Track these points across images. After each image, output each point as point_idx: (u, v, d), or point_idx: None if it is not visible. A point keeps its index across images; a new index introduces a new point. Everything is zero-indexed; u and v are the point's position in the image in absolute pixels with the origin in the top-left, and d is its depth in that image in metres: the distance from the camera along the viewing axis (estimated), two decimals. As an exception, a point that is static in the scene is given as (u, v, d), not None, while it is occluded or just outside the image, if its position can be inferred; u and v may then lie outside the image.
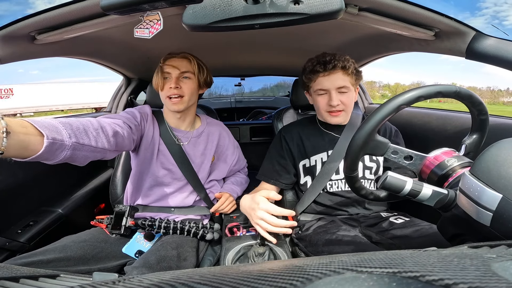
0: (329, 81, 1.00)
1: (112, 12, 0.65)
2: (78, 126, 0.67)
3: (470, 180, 0.42)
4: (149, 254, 0.87)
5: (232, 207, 1.13)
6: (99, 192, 1.46)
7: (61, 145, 0.60)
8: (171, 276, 0.25)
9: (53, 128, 0.59)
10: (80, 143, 0.65)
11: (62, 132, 0.61)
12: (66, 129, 0.62)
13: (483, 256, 0.24)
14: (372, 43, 1.25)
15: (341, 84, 0.99)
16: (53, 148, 0.58)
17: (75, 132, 0.65)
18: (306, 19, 0.64)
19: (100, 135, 0.73)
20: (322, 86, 1.01)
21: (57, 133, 0.59)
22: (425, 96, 0.59)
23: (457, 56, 0.88)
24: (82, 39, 0.95)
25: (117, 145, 0.82)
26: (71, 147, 0.62)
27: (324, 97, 1.03)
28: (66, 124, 0.64)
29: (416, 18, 0.79)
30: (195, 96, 1.08)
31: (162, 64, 1.02)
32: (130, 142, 0.93)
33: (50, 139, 0.56)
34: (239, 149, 1.31)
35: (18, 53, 0.84)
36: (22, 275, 0.31)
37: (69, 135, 0.62)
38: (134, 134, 0.97)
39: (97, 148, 0.71)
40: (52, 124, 0.60)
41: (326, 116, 1.05)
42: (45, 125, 0.58)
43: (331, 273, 0.21)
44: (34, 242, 1.04)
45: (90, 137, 0.69)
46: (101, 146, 0.73)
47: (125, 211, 1.01)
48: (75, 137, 0.64)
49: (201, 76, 1.06)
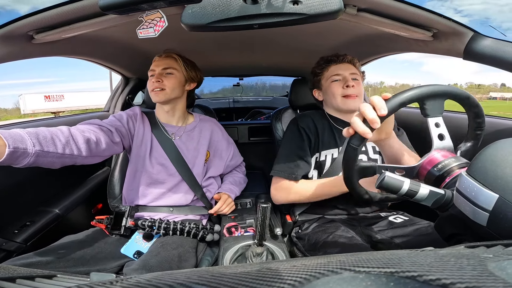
0: (342, 68, 1.08)
1: (110, 11, 0.65)
2: (46, 135, 0.76)
3: (466, 181, 0.42)
4: (149, 256, 0.87)
5: (231, 208, 1.13)
6: (97, 192, 1.45)
7: (24, 152, 0.68)
8: (169, 276, 0.25)
9: (18, 137, 0.68)
10: (45, 151, 0.73)
11: (26, 141, 0.69)
12: (31, 138, 0.71)
13: (480, 256, 0.24)
14: (370, 43, 1.25)
15: (353, 71, 1.08)
16: (15, 155, 0.66)
17: (41, 141, 0.73)
18: (305, 19, 0.64)
19: (70, 143, 0.81)
20: (336, 72, 1.08)
21: (21, 142, 0.68)
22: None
23: (454, 56, 0.89)
24: (80, 38, 0.94)
25: (92, 151, 0.88)
26: (34, 154, 0.70)
27: (339, 83, 1.07)
28: (33, 134, 0.72)
29: (414, 19, 0.79)
30: (179, 91, 1.13)
31: (152, 64, 1.13)
32: (110, 146, 0.97)
33: (12, 148, 0.65)
34: (233, 145, 1.32)
35: (16, 53, 0.83)
36: (19, 275, 0.31)
37: (33, 144, 0.70)
38: (118, 137, 1.02)
39: (64, 154, 0.79)
40: (19, 134, 0.69)
41: (342, 102, 1.06)
42: (11, 135, 0.66)
43: (329, 273, 0.21)
44: (31, 242, 1.03)
45: (57, 145, 0.77)
46: (69, 153, 0.80)
47: (125, 212, 1.01)
48: (39, 146, 0.72)
49: (187, 72, 1.13)
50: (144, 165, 1.09)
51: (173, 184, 1.10)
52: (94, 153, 0.90)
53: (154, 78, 1.08)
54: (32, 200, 1.16)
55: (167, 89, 1.08)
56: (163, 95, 1.09)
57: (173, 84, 1.09)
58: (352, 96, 1.05)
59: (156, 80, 1.07)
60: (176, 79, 1.11)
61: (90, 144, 0.87)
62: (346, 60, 1.09)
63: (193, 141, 1.17)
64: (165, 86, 1.08)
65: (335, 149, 1.07)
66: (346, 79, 1.06)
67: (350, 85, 1.04)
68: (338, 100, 1.07)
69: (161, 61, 1.10)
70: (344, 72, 1.07)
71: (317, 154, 1.08)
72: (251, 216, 1.07)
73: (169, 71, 1.10)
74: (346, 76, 1.07)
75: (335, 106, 1.10)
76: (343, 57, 1.09)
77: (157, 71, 1.09)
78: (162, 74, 1.09)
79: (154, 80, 1.08)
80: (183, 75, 1.12)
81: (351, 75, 1.07)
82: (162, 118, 1.18)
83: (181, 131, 1.17)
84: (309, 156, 1.07)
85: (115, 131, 1.01)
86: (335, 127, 1.11)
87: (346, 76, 1.07)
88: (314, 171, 1.09)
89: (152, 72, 1.11)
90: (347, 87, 1.05)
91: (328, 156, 1.07)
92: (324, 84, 1.12)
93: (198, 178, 1.14)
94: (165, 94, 1.09)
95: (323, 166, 1.07)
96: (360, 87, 1.08)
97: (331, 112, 1.14)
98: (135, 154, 1.10)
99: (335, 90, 1.07)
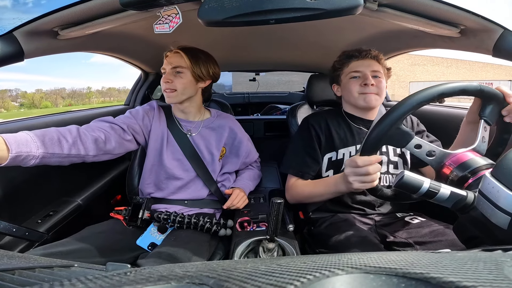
0: (363, 65, 1.04)
1: (130, 7, 0.67)
2: (53, 137, 0.80)
3: (490, 182, 0.41)
4: (162, 248, 0.89)
5: (244, 202, 1.13)
6: (116, 183, 1.50)
7: (28, 155, 0.73)
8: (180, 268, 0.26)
9: (23, 141, 0.73)
10: (49, 153, 0.78)
11: (30, 144, 0.74)
12: (36, 142, 0.75)
13: (497, 259, 0.23)
14: (392, 39, 1.22)
15: (375, 68, 1.03)
16: (19, 159, 0.72)
17: (46, 143, 0.77)
18: (322, 15, 0.62)
19: (77, 143, 0.85)
20: (356, 68, 1.04)
21: (25, 146, 0.73)
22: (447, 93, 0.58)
23: (483, 54, 0.85)
24: (102, 34, 0.97)
25: (100, 150, 0.92)
26: (38, 157, 0.75)
27: (358, 80, 1.03)
28: (39, 137, 0.77)
29: (440, 15, 0.76)
30: (191, 90, 1.08)
31: (164, 61, 1.09)
32: (121, 144, 0.99)
33: (14, 153, 0.70)
34: (250, 142, 1.30)
35: (42, 48, 0.87)
36: (39, 265, 0.32)
37: (38, 147, 0.75)
38: (129, 135, 1.03)
39: (70, 155, 0.83)
40: (24, 138, 0.74)
41: (360, 99, 1.03)
42: (16, 139, 0.71)
43: (339, 271, 0.21)
44: (53, 232, 1.07)
45: (63, 146, 0.82)
46: (75, 153, 0.85)
47: (143, 204, 1.04)
48: (44, 148, 0.77)
49: (197, 69, 1.06)
50: (160, 160, 1.10)
51: (188, 179, 1.12)
52: (103, 151, 0.93)
53: (164, 78, 1.06)
54: (56, 190, 1.21)
55: (178, 90, 1.05)
56: (175, 97, 1.06)
57: (183, 84, 1.05)
58: (369, 94, 1.02)
59: (165, 81, 1.05)
60: (186, 79, 1.06)
61: (98, 144, 0.90)
62: (369, 55, 1.04)
63: (209, 137, 1.16)
64: (175, 86, 1.05)
65: (353, 147, 1.05)
66: (365, 76, 1.01)
67: (368, 84, 1.00)
68: (356, 97, 1.04)
69: (170, 58, 1.06)
70: (365, 69, 1.02)
71: (333, 153, 1.06)
72: (264, 211, 1.07)
73: (179, 70, 1.05)
74: (366, 74, 1.02)
75: (352, 103, 1.08)
76: (366, 53, 1.04)
77: (167, 70, 1.06)
78: (171, 73, 1.05)
79: (164, 81, 1.05)
80: (192, 72, 1.06)
81: (372, 72, 1.02)
82: (178, 114, 1.17)
83: (197, 127, 1.16)
84: (317, 154, 1.06)
85: (127, 128, 1.02)
86: (352, 125, 1.09)
87: (366, 73, 1.02)
88: (330, 171, 1.07)
89: (163, 70, 1.08)
90: (365, 85, 1.01)
91: (346, 154, 1.05)
92: (343, 79, 1.09)
93: (214, 174, 1.15)
94: (176, 95, 1.06)
95: (341, 164, 1.04)
96: (382, 85, 1.03)
97: (349, 109, 1.11)
98: (152, 149, 1.11)
99: (352, 87, 1.04)
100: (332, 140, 1.07)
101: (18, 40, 0.76)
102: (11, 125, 1.10)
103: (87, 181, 1.38)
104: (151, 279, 0.22)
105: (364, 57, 1.04)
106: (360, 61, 1.04)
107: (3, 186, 0.94)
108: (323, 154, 1.07)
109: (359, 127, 1.08)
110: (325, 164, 1.07)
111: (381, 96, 1.04)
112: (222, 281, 0.21)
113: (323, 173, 1.07)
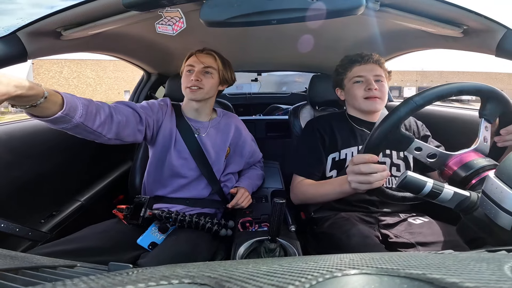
0: (366, 70, 1.07)
1: (133, 8, 0.67)
2: (93, 110, 0.79)
3: (494, 183, 0.40)
4: (162, 248, 0.89)
5: (248, 202, 1.13)
6: (119, 183, 1.51)
7: (69, 120, 0.72)
8: (182, 269, 0.26)
9: (74, 105, 0.73)
10: (84, 124, 0.77)
11: (77, 111, 0.74)
12: (82, 109, 0.75)
13: (500, 260, 0.23)
14: (394, 39, 1.21)
15: (378, 73, 1.06)
16: (61, 119, 0.71)
17: (88, 114, 0.77)
18: (324, 15, 0.63)
19: (106, 122, 0.84)
20: (359, 73, 1.07)
21: (73, 111, 0.72)
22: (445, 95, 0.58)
23: (486, 54, 0.84)
24: (105, 35, 0.98)
25: (117, 135, 0.91)
26: (74, 124, 0.74)
27: (361, 84, 1.06)
28: (85, 106, 0.76)
29: (443, 15, 0.76)
30: (214, 91, 1.13)
31: (188, 58, 1.11)
32: (134, 132, 0.99)
33: (64, 113, 0.70)
34: (254, 142, 1.32)
35: (46, 49, 0.87)
36: (42, 265, 0.33)
37: (80, 115, 0.74)
38: (143, 126, 1.03)
39: (95, 132, 0.82)
40: (75, 102, 0.73)
41: (364, 103, 1.06)
42: (69, 102, 0.71)
43: (341, 272, 0.21)
44: (56, 232, 1.07)
45: (96, 122, 0.81)
46: (99, 131, 0.83)
47: (145, 202, 1.04)
48: (84, 119, 0.76)
49: (225, 73, 1.13)
50: (167, 157, 1.10)
51: (193, 178, 1.12)
52: (117, 137, 0.92)
53: (193, 76, 1.06)
54: (59, 190, 1.21)
55: (204, 88, 1.08)
56: (200, 94, 1.08)
57: (211, 84, 1.09)
58: (373, 98, 1.05)
59: (195, 79, 1.06)
60: (214, 80, 1.10)
61: (119, 127, 0.90)
62: (371, 60, 1.07)
63: (216, 137, 1.17)
64: (203, 85, 1.07)
65: (355, 147, 1.07)
66: (368, 81, 1.04)
67: (372, 88, 1.03)
68: (360, 102, 1.07)
69: (202, 58, 1.08)
70: (368, 74, 1.05)
71: (336, 153, 1.08)
72: (266, 211, 1.07)
73: (209, 70, 1.09)
74: (369, 79, 1.05)
75: (356, 107, 1.11)
76: (368, 57, 1.07)
77: (197, 68, 1.07)
78: (201, 72, 1.08)
79: (193, 78, 1.06)
80: (220, 75, 1.12)
81: (375, 77, 1.06)
82: (189, 113, 1.17)
83: (205, 127, 1.17)
84: (322, 155, 1.09)
85: (144, 118, 1.02)
86: (355, 127, 1.11)
87: (369, 78, 1.05)
88: (333, 171, 1.09)
89: (191, 68, 1.09)
90: (369, 89, 1.04)
91: (348, 154, 1.07)
92: (347, 84, 1.12)
93: (217, 174, 1.15)
94: (201, 93, 1.08)
95: (344, 164, 1.06)
96: (384, 89, 1.06)
97: (353, 112, 1.14)
98: (160, 145, 1.11)
99: (357, 92, 1.07)
100: (335, 141, 1.09)
101: (22, 40, 0.76)
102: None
103: (89, 181, 1.38)
104: (153, 279, 0.22)
105: (367, 62, 1.07)
106: (363, 66, 1.07)
107: (7, 186, 0.95)
108: (327, 154, 1.10)
109: (362, 129, 1.11)
110: (329, 164, 1.09)
111: (383, 99, 1.06)
112: (224, 281, 0.21)
113: (327, 173, 1.10)
